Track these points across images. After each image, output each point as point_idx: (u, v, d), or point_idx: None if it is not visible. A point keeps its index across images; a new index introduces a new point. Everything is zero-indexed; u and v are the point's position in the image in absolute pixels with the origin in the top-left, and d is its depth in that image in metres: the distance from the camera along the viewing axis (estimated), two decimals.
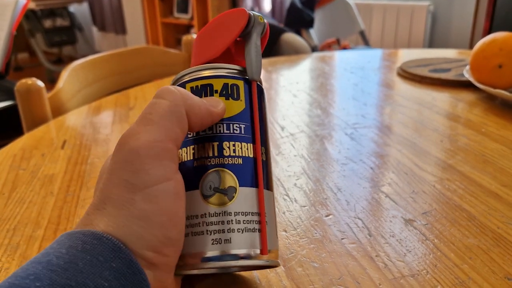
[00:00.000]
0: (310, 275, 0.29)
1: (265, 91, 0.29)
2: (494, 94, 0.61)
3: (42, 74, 3.56)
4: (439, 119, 0.58)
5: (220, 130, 0.25)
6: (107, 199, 0.22)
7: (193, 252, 0.24)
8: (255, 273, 0.30)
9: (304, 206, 0.38)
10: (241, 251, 0.24)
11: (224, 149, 0.25)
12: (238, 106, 0.26)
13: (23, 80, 0.64)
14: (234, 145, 0.25)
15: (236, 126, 0.26)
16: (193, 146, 0.25)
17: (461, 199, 0.38)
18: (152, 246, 0.22)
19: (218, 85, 0.26)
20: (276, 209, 0.35)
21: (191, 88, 0.27)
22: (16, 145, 0.54)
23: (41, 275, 0.18)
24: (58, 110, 0.71)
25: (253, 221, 0.25)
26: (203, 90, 0.26)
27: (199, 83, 0.27)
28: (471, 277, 0.29)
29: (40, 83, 0.65)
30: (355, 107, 0.64)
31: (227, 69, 0.27)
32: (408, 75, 0.79)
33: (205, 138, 0.25)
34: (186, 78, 0.27)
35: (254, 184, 0.25)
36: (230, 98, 0.26)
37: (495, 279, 0.29)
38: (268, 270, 0.30)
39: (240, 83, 0.27)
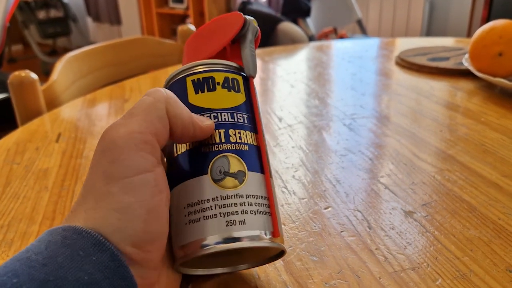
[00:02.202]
0: (309, 269, 0.29)
1: (262, 81, 0.30)
2: (493, 83, 0.61)
3: (36, 66, 3.52)
4: (438, 109, 0.57)
5: (225, 119, 0.26)
6: (87, 193, 0.22)
7: (207, 236, 0.23)
8: (254, 268, 0.29)
9: (303, 199, 0.38)
10: (256, 233, 0.24)
11: (230, 135, 0.25)
12: (239, 98, 0.27)
13: (16, 73, 0.63)
14: (239, 133, 0.26)
15: (240, 116, 0.27)
16: None
17: (461, 190, 0.38)
18: (132, 240, 0.21)
19: (219, 78, 0.27)
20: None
21: (192, 81, 0.27)
22: (9, 139, 0.54)
23: (19, 271, 0.18)
24: (53, 103, 0.70)
25: (264, 204, 0.25)
26: (205, 82, 0.27)
27: (200, 76, 0.27)
28: (472, 270, 0.28)
29: (34, 76, 0.64)
30: (353, 97, 0.63)
31: (227, 64, 0.28)
32: (406, 64, 0.78)
33: None
34: (187, 72, 0.27)
35: (261, 170, 0.26)
36: (232, 90, 0.27)
37: (496, 271, 0.28)
38: (266, 264, 0.30)
39: (240, 78, 0.28)
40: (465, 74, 0.71)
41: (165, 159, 0.28)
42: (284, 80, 0.73)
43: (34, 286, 0.18)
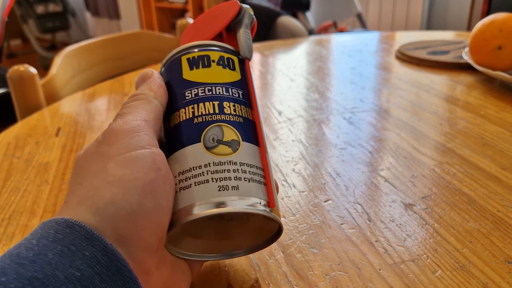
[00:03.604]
0: (310, 261, 0.29)
1: (261, 75, 0.30)
2: (493, 76, 0.61)
3: (35, 60, 3.51)
4: (438, 102, 0.57)
5: (219, 92, 0.26)
6: (82, 176, 0.22)
7: (197, 202, 0.22)
8: (254, 260, 0.30)
9: (303, 192, 0.38)
10: (249, 200, 0.23)
11: (225, 107, 0.25)
12: (235, 75, 0.27)
13: (16, 67, 0.63)
14: (234, 106, 0.26)
15: (235, 91, 0.27)
16: (192, 106, 0.25)
17: (460, 183, 0.38)
18: (123, 214, 0.20)
19: (214, 56, 0.27)
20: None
21: (187, 59, 0.27)
22: (9, 133, 0.54)
23: (7, 269, 0.18)
24: (52, 97, 0.70)
25: (258, 174, 0.24)
26: (200, 60, 0.27)
27: (196, 54, 0.27)
28: (471, 261, 0.29)
29: (33, 70, 0.63)
30: (353, 91, 0.63)
31: (223, 46, 0.29)
32: (406, 57, 0.78)
33: (205, 98, 0.26)
34: (182, 52, 0.28)
35: (256, 142, 0.25)
36: (227, 67, 0.27)
37: (495, 262, 0.28)
38: (267, 256, 0.30)
39: (235, 59, 0.29)
40: (465, 67, 0.71)
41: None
42: (284, 74, 0.73)
43: (21, 284, 0.17)
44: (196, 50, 0.28)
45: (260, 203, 0.23)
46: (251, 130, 0.26)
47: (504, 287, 0.26)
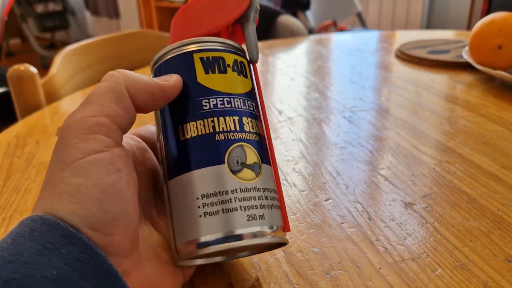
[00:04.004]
0: (310, 260, 0.29)
1: (261, 74, 0.29)
2: (493, 75, 0.61)
3: (35, 59, 3.51)
4: (438, 101, 0.57)
5: (238, 105, 0.24)
6: (46, 182, 0.21)
7: (227, 231, 0.22)
8: (255, 259, 0.30)
9: (303, 191, 0.38)
10: (271, 227, 0.23)
11: (244, 124, 0.24)
12: (248, 84, 0.26)
13: (15, 66, 0.63)
14: (251, 122, 0.25)
15: (250, 103, 0.25)
16: (211, 119, 0.24)
17: (461, 182, 0.38)
18: (88, 222, 0.20)
19: (229, 59, 0.25)
20: None
21: (201, 58, 0.25)
22: (10, 133, 0.54)
23: None
24: (52, 97, 0.70)
25: (276, 198, 0.24)
26: (215, 63, 0.25)
27: (210, 54, 0.25)
28: (471, 260, 0.29)
29: (33, 69, 0.63)
30: (353, 90, 0.63)
31: (235, 46, 0.26)
32: (406, 57, 0.78)
33: (225, 111, 0.24)
34: (193, 48, 0.25)
35: (269, 162, 0.25)
36: (241, 74, 0.26)
37: (495, 261, 0.28)
38: (267, 255, 0.30)
39: (245, 62, 0.27)
40: (465, 66, 0.71)
41: (161, 144, 0.26)
42: (284, 73, 0.73)
43: None
44: (208, 47, 0.25)
45: (280, 228, 0.24)
46: (266, 149, 0.25)
47: (504, 285, 0.26)
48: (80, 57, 0.83)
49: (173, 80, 0.24)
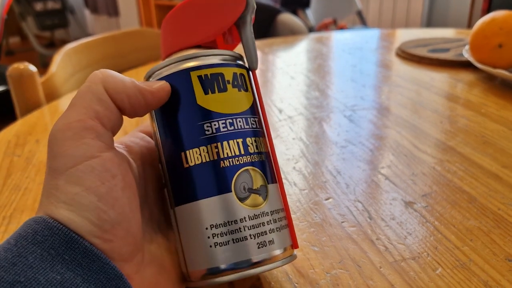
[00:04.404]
0: (311, 259, 0.29)
1: (261, 73, 0.29)
2: (494, 74, 0.61)
3: (34, 58, 3.51)
4: (438, 100, 0.57)
5: (241, 126, 0.24)
6: (42, 192, 0.21)
7: (239, 260, 0.22)
8: None
9: (304, 190, 0.38)
10: (281, 250, 0.23)
11: (249, 146, 0.23)
12: (249, 98, 0.25)
13: (15, 65, 0.63)
14: (255, 141, 0.24)
15: (252, 120, 0.24)
16: (215, 145, 0.23)
17: (461, 181, 0.38)
18: (87, 230, 0.20)
19: (228, 74, 0.24)
20: None
21: (199, 78, 0.23)
22: (10, 131, 0.54)
23: None
24: (52, 95, 0.70)
25: (283, 217, 0.24)
26: (215, 81, 0.24)
27: (208, 71, 0.24)
28: (472, 259, 0.29)
29: (33, 68, 0.63)
30: (353, 88, 0.63)
31: (232, 56, 0.25)
32: (406, 55, 0.78)
33: (228, 135, 0.23)
34: (190, 64, 0.24)
35: (275, 179, 0.25)
36: (241, 89, 0.24)
37: (496, 260, 0.28)
38: None
39: (245, 72, 0.25)
40: (465, 65, 0.71)
41: (161, 154, 0.25)
42: (284, 71, 0.73)
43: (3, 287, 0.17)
44: (206, 63, 0.24)
45: (289, 248, 0.24)
46: (271, 166, 0.25)
47: (504, 284, 0.26)
48: (80, 56, 0.83)
49: (155, 87, 0.23)
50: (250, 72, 0.26)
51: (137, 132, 0.27)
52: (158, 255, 0.24)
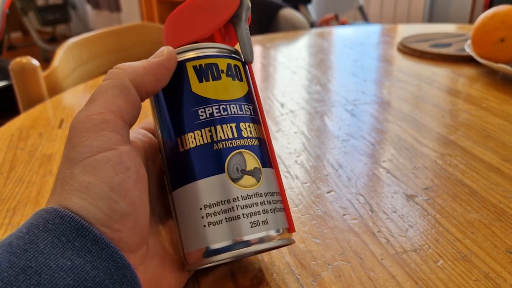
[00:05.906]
0: (313, 251, 0.29)
1: (263, 67, 0.29)
2: (495, 69, 0.61)
3: (36, 53, 3.51)
4: (439, 95, 0.57)
5: (235, 112, 0.25)
6: (56, 180, 0.22)
7: (232, 239, 0.23)
8: None
9: (305, 183, 0.38)
10: (276, 231, 0.24)
11: (242, 130, 0.24)
12: (243, 87, 0.26)
13: (18, 59, 0.63)
14: (249, 127, 0.25)
15: (247, 108, 0.25)
16: (209, 128, 0.24)
17: (462, 174, 0.38)
18: (97, 218, 0.20)
19: (223, 64, 0.25)
20: None
21: (194, 67, 0.25)
22: (13, 125, 0.54)
23: (0, 258, 0.18)
24: (54, 89, 0.70)
25: (278, 200, 0.25)
26: (209, 70, 0.25)
27: (202, 62, 0.25)
28: (473, 251, 0.29)
29: (35, 62, 0.64)
30: (355, 83, 0.63)
31: (227, 49, 0.27)
32: (408, 50, 0.78)
33: (222, 119, 0.24)
34: (187, 56, 0.25)
35: (271, 165, 0.25)
36: (236, 78, 0.26)
37: (497, 253, 0.29)
38: None
39: (240, 65, 0.27)
40: (467, 60, 0.71)
41: (163, 153, 0.26)
42: (286, 66, 0.73)
43: (14, 273, 0.17)
44: (201, 54, 0.25)
45: (284, 230, 0.24)
46: (266, 152, 0.25)
47: (505, 276, 0.27)
48: (82, 50, 0.83)
49: (166, 52, 0.25)
50: (246, 66, 0.27)
51: (139, 128, 0.28)
52: (160, 248, 0.25)
